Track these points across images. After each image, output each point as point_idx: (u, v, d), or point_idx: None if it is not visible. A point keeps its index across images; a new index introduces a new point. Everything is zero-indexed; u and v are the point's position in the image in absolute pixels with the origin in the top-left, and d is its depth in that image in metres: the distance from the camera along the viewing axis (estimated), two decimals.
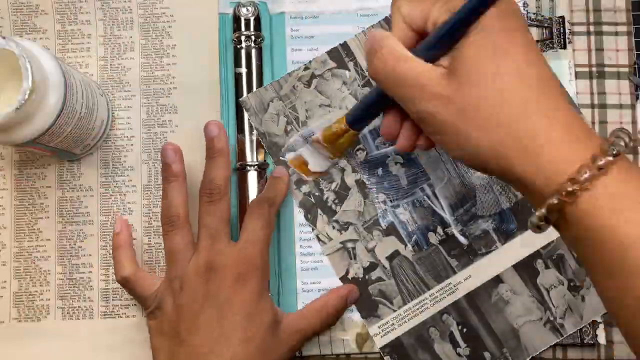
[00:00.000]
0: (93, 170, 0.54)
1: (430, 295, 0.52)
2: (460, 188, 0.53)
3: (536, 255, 0.53)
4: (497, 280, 0.52)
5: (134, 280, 0.49)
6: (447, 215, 0.53)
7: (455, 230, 0.53)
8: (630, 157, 0.53)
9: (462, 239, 0.53)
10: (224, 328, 0.45)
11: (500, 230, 0.53)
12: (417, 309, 0.52)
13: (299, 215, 0.53)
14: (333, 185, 0.53)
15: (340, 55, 0.54)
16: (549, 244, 0.53)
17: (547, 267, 0.53)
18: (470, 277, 0.52)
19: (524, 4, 0.54)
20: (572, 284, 0.52)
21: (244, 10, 0.53)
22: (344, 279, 0.53)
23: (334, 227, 0.53)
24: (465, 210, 0.53)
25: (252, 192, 0.52)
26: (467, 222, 0.53)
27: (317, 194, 0.53)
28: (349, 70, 0.54)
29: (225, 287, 0.46)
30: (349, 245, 0.53)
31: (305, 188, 0.53)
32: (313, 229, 0.53)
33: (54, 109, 0.44)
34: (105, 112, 0.52)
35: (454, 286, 0.52)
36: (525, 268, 0.53)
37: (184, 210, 0.49)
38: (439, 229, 0.53)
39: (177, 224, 0.48)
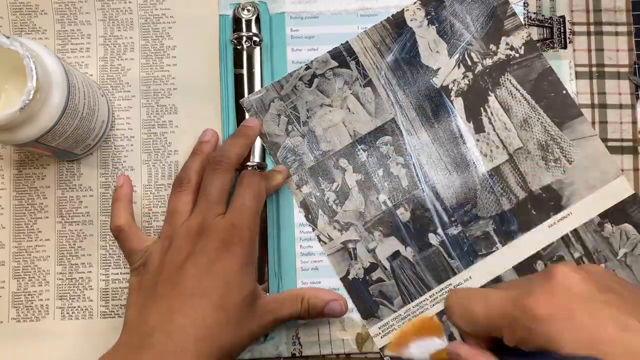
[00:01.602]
0: (93, 170, 0.56)
1: (430, 296, 0.54)
2: (461, 189, 0.55)
3: (536, 256, 0.54)
4: (498, 281, 0.54)
5: (128, 232, 0.51)
6: (447, 216, 0.55)
7: (455, 231, 0.55)
8: (631, 157, 0.56)
9: (462, 240, 0.54)
10: (200, 289, 0.46)
11: (501, 231, 0.55)
12: (418, 309, 0.54)
13: (299, 215, 0.55)
14: (334, 186, 0.55)
15: (342, 54, 0.55)
16: (549, 245, 0.54)
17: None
18: (470, 278, 0.54)
19: (524, 3, 0.56)
20: None
21: (244, 12, 0.55)
22: (344, 279, 0.54)
23: (334, 227, 0.55)
24: (465, 212, 0.55)
25: None
26: (468, 223, 0.55)
27: (317, 194, 0.55)
28: (351, 69, 0.55)
29: (210, 250, 0.47)
30: (350, 245, 0.55)
31: (306, 188, 0.55)
32: (314, 229, 0.55)
33: (57, 108, 0.45)
34: (105, 113, 0.53)
35: (455, 287, 0.54)
36: (526, 269, 0.54)
37: (196, 178, 0.51)
38: (440, 230, 0.54)
39: (186, 186, 0.51)
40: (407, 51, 0.55)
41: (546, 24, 0.56)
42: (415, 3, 0.56)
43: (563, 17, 0.56)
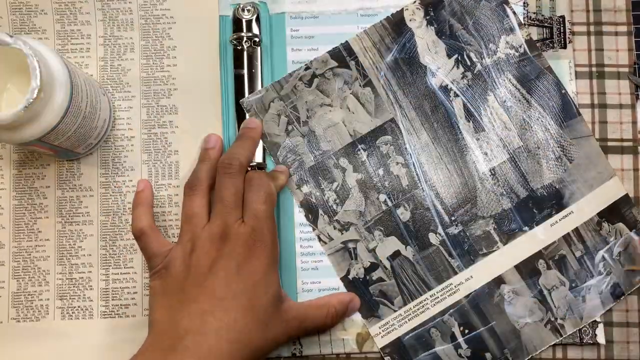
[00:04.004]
0: (93, 170, 0.58)
1: (431, 296, 0.56)
2: (461, 188, 0.57)
3: (538, 255, 0.56)
4: (499, 280, 0.56)
5: (150, 234, 0.53)
6: (447, 216, 0.57)
7: (455, 231, 0.56)
8: (631, 157, 0.58)
9: (463, 239, 0.56)
10: (230, 292, 0.48)
11: (502, 230, 0.56)
12: (418, 309, 0.56)
13: (299, 215, 0.57)
14: (334, 185, 0.57)
15: (342, 54, 0.57)
16: (551, 244, 0.56)
17: (548, 267, 0.56)
18: (471, 278, 0.56)
19: (524, 3, 0.58)
20: (573, 284, 0.56)
21: (244, 13, 0.57)
22: (344, 279, 0.56)
23: (335, 227, 0.57)
24: (465, 211, 0.57)
25: None
26: (468, 222, 0.56)
27: (317, 194, 0.57)
28: (351, 69, 0.57)
29: (237, 255, 0.49)
30: (350, 245, 0.57)
31: (306, 188, 0.57)
32: (314, 229, 0.57)
33: (60, 107, 0.47)
34: (107, 112, 0.55)
35: (455, 287, 0.56)
36: (527, 269, 0.56)
37: (207, 182, 0.53)
38: (440, 229, 0.56)
39: (199, 189, 0.53)
40: (406, 51, 0.57)
41: (546, 24, 0.58)
42: (414, 2, 0.58)
43: (563, 17, 0.58)
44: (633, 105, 0.58)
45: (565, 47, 0.58)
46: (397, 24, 0.58)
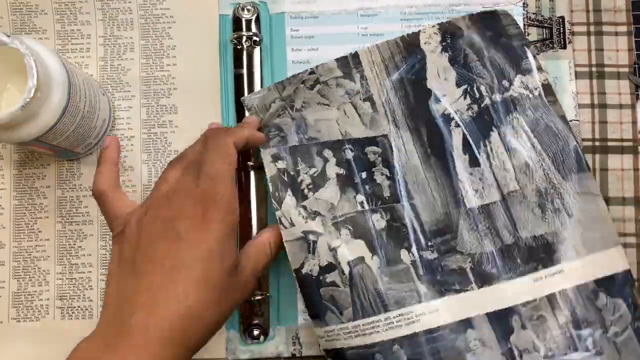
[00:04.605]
0: (93, 170, 0.57)
1: (385, 319, 0.50)
2: (443, 218, 0.52)
3: (514, 310, 0.50)
4: (467, 324, 0.49)
5: (111, 196, 0.49)
6: (424, 239, 0.52)
7: (430, 257, 0.51)
8: (631, 157, 0.57)
9: (436, 268, 0.51)
10: (180, 262, 0.44)
11: (479, 272, 0.51)
12: (367, 329, 0.50)
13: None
14: (312, 171, 0.53)
15: (349, 65, 0.55)
16: (531, 301, 0.50)
17: (524, 327, 0.49)
18: (437, 311, 0.50)
19: (523, 4, 0.58)
20: (549, 353, 0.49)
21: (244, 12, 0.57)
22: (297, 271, 0.51)
23: (299, 213, 0.52)
24: (444, 241, 0.52)
25: (253, 192, 0.56)
26: (445, 252, 0.51)
27: (292, 173, 0.53)
28: (355, 82, 0.55)
29: (187, 220, 0.45)
30: (311, 237, 0.51)
31: (280, 164, 0.53)
32: (277, 209, 0.52)
33: (58, 107, 0.47)
34: (106, 111, 0.56)
35: (416, 316, 0.50)
36: (500, 321, 0.50)
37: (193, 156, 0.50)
38: (414, 249, 0.51)
39: (181, 160, 0.49)
40: (414, 72, 0.55)
41: (545, 24, 0.58)
42: (433, 27, 0.55)
43: (562, 17, 0.58)
44: (633, 105, 0.58)
45: (565, 47, 0.58)
46: (410, 44, 0.55)
